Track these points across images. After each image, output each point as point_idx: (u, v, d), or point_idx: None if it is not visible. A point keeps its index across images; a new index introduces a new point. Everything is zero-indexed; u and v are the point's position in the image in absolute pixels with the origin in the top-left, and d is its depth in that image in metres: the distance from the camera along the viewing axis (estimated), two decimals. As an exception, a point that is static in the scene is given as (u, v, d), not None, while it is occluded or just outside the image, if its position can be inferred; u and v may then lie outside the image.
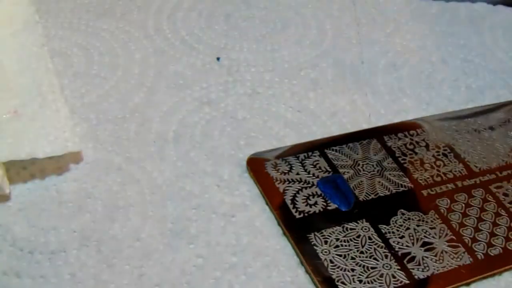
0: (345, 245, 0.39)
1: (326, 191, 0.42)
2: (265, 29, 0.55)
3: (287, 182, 0.42)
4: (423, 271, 0.39)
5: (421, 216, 0.41)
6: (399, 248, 0.39)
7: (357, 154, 0.45)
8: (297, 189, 0.42)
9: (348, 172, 0.44)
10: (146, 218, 0.40)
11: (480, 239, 0.41)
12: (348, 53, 0.54)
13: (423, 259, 0.39)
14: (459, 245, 0.40)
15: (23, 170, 0.42)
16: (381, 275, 0.38)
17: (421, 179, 0.44)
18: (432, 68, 0.54)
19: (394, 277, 0.38)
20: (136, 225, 0.40)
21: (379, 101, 0.50)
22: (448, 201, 0.43)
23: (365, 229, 0.40)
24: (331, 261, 0.38)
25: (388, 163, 0.45)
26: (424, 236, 0.40)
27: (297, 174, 0.43)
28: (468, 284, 0.39)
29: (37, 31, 0.48)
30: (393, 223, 0.41)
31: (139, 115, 0.46)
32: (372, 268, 0.38)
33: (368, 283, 0.38)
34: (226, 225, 0.41)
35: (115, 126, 0.46)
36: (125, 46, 0.52)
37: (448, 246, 0.40)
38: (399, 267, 0.38)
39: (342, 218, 0.41)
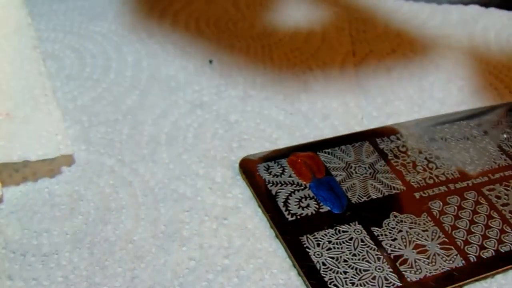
0: (338, 248, 0.39)
1: (318, 193, 0.42)
2: (256, 31, 0.55)
3: (280, 185, 0.42)
4: (415, 273, 0.39)
5: (414, 218, 0.42)
6: (391, 250, 0.40)
7: (350, 156, 0.45)
8: (289, 192, 0.42)
9: (340, 175, 0.44)
10: (139, 220, 0.40)
11: (472, 241, 0.41)
12: (339, 55, 0.54)
13: (415, 262, 0.39)
14: (452, 247, 0.40)
15: (15, 172, 0.42)
16: (374, 278, 0.38)
17: (413, 182, 0.44)
18: (424, 71, 0.54)
19: (386, 279, 0.38)
20: (128, 228, 0.40)
21: (371, 103, 0.50)
22: (441, 203, 0.43)
23: (358, 231, 0.40)
24: (324, 264, 0.38)
25: (380, 166, 0.45)
26: (417, 239, 0.40)
27: (290, 176, 0.43)
28: (460, 286, 0.39)
29: (30, 34, 0.48)
30: (386, 226, 0.41)
31: (132, 117, 0.46)
32: (364, 270, 0.38)
33: (361, 285, 0.38)
34: (219, 228, 0.41)
35: (108, 128, 0.46)
36: (117, 49, 0.52)
37: (441, 248, 0.40)
38: (391, 270, 0.39)
39: (334, 221, 0.41)
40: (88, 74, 0.49)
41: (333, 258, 0.39)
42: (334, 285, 0.37)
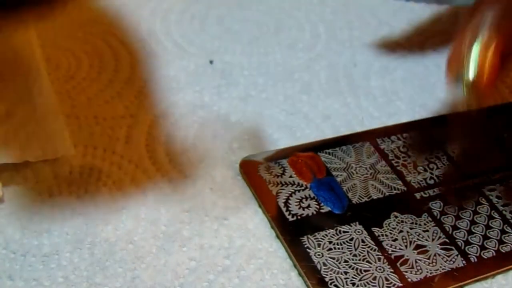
0: (338, 248, 0.39)
1: (319, 194, 0.42)
2: (259, 32, 0.55)
3: (280, 185, 0.42)
4: (416, 274, 0.39)
5: (414, 219, 0.41)
6: (392, 251, 0.39)
7: (350, 157, 0.45)
8: (290, 192, 0.42)
9: (341, 175, 0.44)
10: (139, 221, 0.40)
11: (473, 241, 0.41)
12: (341, 56, 0.54)
13: (416, 262, 0.39)
14: (452, 248, 0.40)
15: (16, 173, 0.42)
16: (374, 278, 0.38)
17: (414, 182, 0.44)
18: (425, 71, 0.54)
19: (387, 280, 0.38)
20: (129, 228, 0.40)
21: (372, 104, 0.50)
22: (441, 203, 0.43)
23: (358, 232, 0.40)
24: (324, 264, 0.38)
25: (381, 166, 0.45)
26: (417, 239, 0.40)
27: (290, 177, 0.43)
28: (461, 287, 0.39)
29: (29, 34, 0.48)
30: (386, 226, 0.41)
31: (132, 117, 0.46)
32: (365, 271, 0.38)
33: (361, 285, 0.38)
34: (219, 228, 0.41)
35: (107, 129, 0.45)
36: (117, 49, 0.51)
37: (441, 249, 0.40)
38: (392, 270, 0.38)
39: (335, 221, 0.41)
40: (87, 74, 0.49)
41: (333, 258, 0.39)
42: (335, 285, 0.37)
